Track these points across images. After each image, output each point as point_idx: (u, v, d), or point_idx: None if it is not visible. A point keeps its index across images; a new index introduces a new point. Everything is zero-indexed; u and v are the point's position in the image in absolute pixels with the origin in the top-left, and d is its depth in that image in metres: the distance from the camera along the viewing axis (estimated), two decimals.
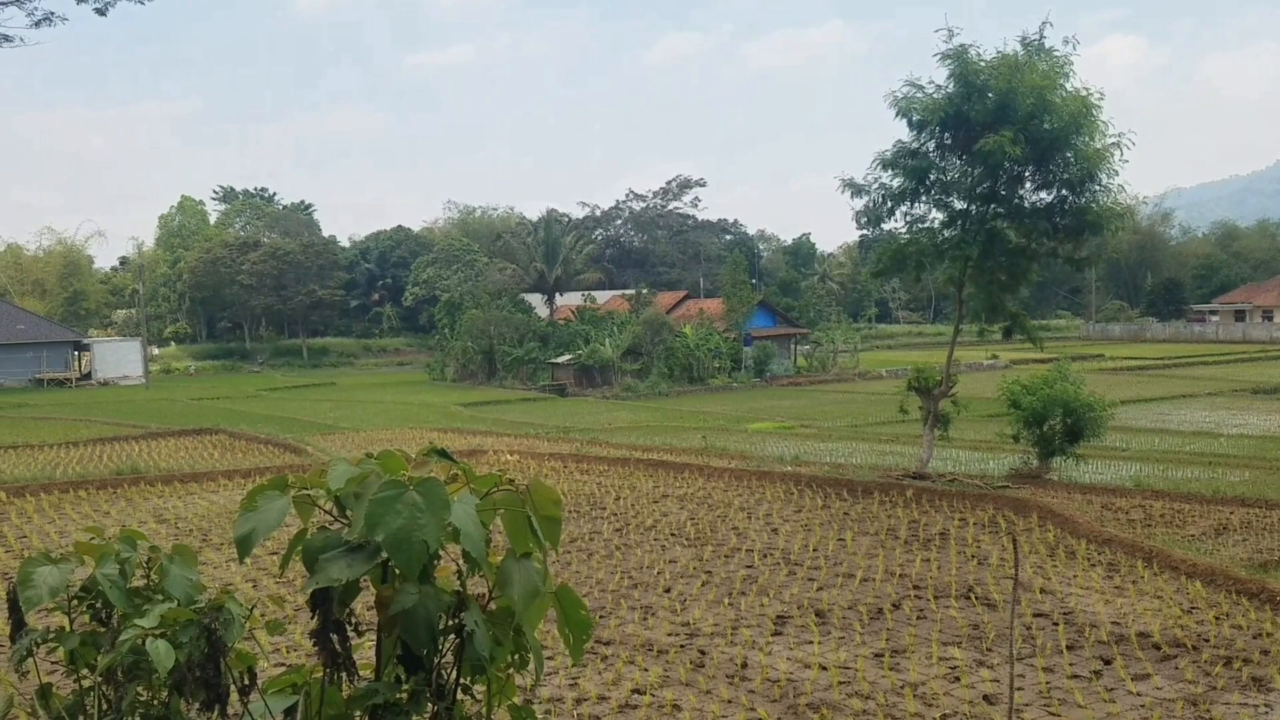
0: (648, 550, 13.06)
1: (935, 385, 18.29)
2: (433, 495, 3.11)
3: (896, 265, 18.21)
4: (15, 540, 14.52)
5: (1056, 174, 17.01)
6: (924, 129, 16.96)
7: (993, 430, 22.47)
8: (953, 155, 17.37)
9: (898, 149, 17.36)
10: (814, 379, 58.13)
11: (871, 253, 19.35)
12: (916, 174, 17.17)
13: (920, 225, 17.96)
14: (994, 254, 17.53)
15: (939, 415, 18.21)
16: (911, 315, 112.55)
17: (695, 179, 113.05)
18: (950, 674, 8.30)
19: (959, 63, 16.52)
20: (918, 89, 16.94)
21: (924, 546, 13.03)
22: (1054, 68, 16.61)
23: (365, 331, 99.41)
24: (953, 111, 16.54)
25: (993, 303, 18.11)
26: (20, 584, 3.53)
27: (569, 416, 38.51)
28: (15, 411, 46.00)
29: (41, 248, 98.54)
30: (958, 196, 17.55)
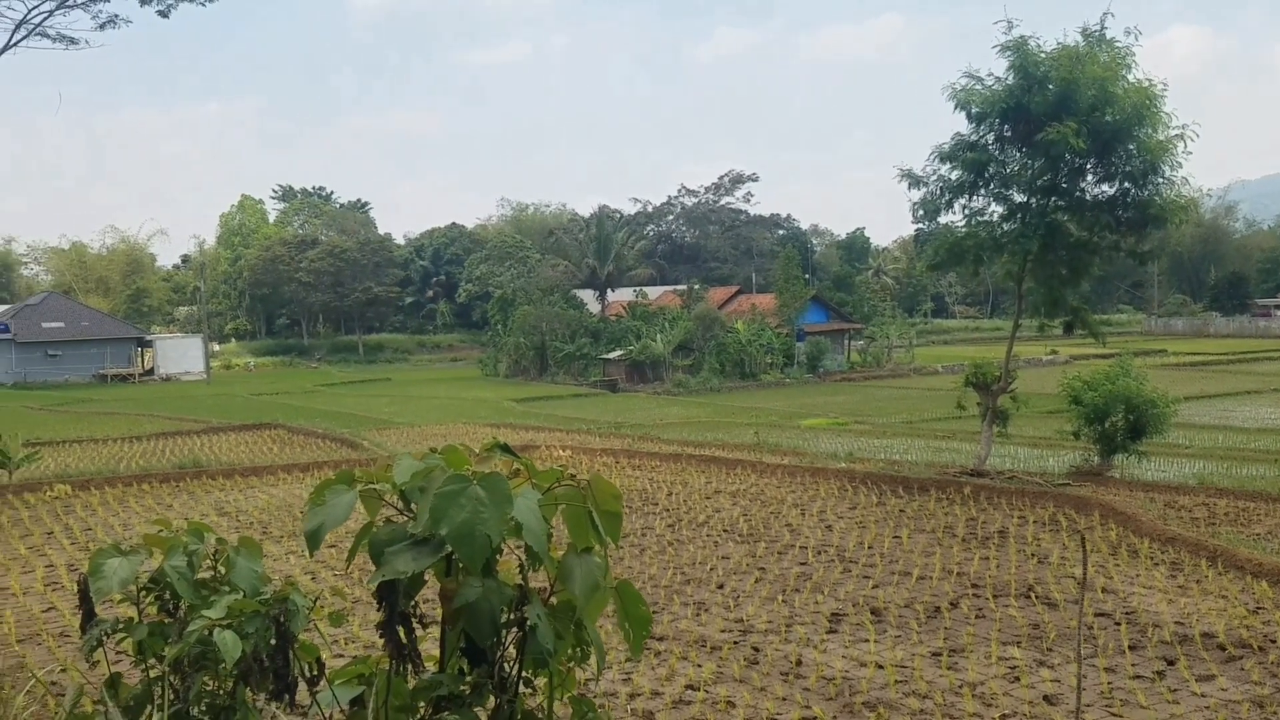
0: (700, 546, 13.02)
1: (994, 381, 18.04)
2: (496, 490, 3.13)
3: (954, 259, 18.01)
4: (81, 533, 14.83)
5: (1119, 166, 16.70)
6: (983, 121, 16.74)
7: (1052, 427, 22.09)
8: (1012, 147, 17.13)
9: (956, 141, 17.15)
10: (868, 374, 57.62)
11: (928, 246, 19.09)
12: (975, 166, 16.96)
13: (979, 218, 17.74)
14: (1055, 248, 17.26)
15: (998, 411, 17.96)
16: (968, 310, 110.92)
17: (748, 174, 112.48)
18: (1010, 674, 8.16)
19: (1019, 54, 16.28)
20: (977, 81, 16.74)
21: (982, 544, 12.84)
22: (1115, 59, 16.30)
23: (419, 328, 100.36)
24: (1012, 103, 16.30)
25: (1053, 297, 17.83)
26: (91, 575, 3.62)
27: (620, 412, 38.58)
28: (81, 406, 47.12)
29: (105, 246, 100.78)
30: (1017, 189, 17.29)
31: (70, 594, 11.14)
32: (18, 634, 9.69)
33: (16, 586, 11.56)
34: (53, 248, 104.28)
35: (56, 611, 10.54)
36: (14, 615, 10.31)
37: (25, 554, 13.42)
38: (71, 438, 29.14)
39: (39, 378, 70.09)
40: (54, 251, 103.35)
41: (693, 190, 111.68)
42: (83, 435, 29.96)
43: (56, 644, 9.37)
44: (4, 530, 15.06)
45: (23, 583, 11.77)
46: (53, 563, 12.85)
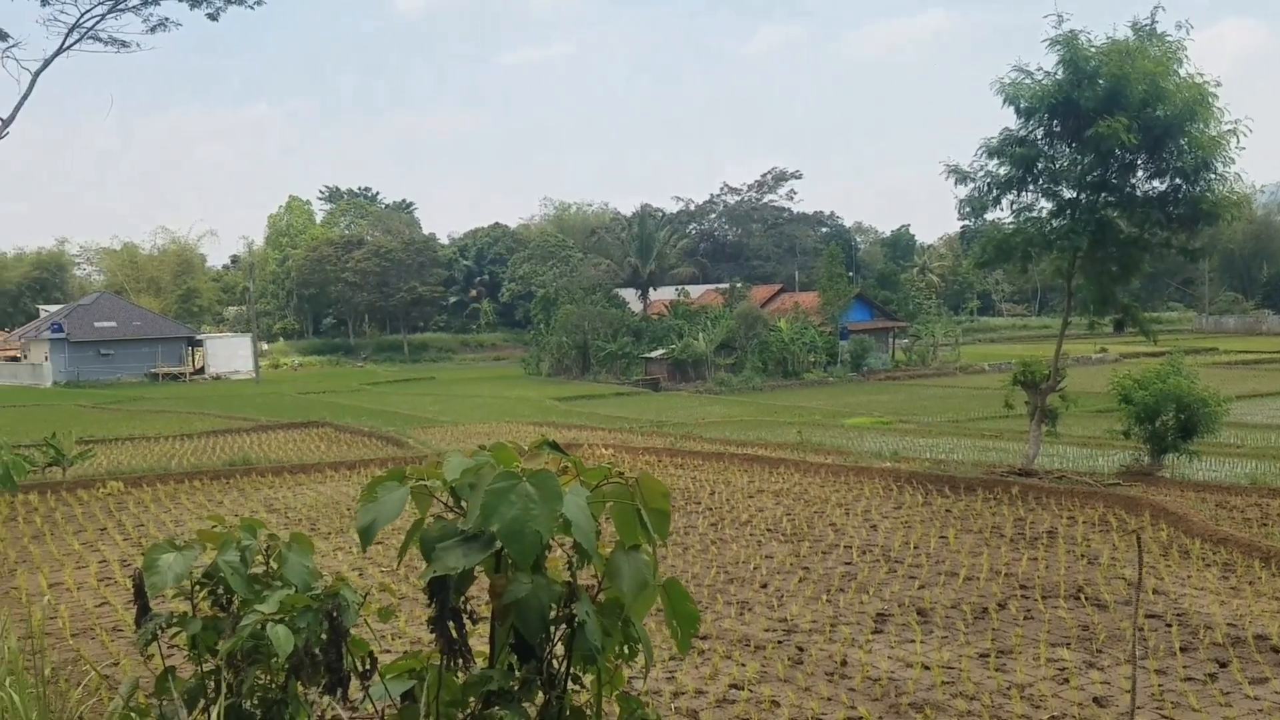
0: (743, 545, 12.96)
1: (1043, 379, 17.81)
2: (545, 487, 3.17)
3: (1002, 256, 17.80)
4: (133, 529, 15.06)
5: (1170, 162, 16.43)
6: (1032, 116, 16.55)
7: (1102, 426, 21.82)
8: (1061, 143, 16.90)
9: (1004, 136, 16.97)
10: (913, 373, 57.14)
11: (975, 243, 18.88)
12: (1024, 162, 16.76)
13: (1028, 215, 17.55)
14: (1105, 244, 17.01)
15: (1047, 410, 17.73)
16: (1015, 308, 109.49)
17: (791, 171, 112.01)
18: (1059, 675, 8.05)
19: (1068, 49, 16.08)
20: (1026, 75, 16.56)
21: (1031, 545, 12.67)
22: (1166, 53, 16.06)
23: (463, 327, 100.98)
24: (1062, 98, 16.09)
25: (1103, 294, 17.59)
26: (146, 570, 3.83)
27: (662, 411, 38.57)
28: (133, 405, 47.96)
29: (156, 246, 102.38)
30: (1067, 185, 17.06)
31: (123, 589, 11.32)
32: (72, 628, 9.82)
33: (71, 581, 11.73)
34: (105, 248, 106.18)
35: (110, 606, 10.68)
36: (68, 610, 10.46)
37: (79, 549, 13.63)
38: (124, 435, 29.67)
39: (92, 376, 71.36)
40: (106, 252, 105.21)
41: (735, 188, 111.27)
42: (135, 433, 30.50)
43: (110, 638, 9.47)
44: (58, 526, 15.31)
45: (77, 578, 11.95)
46: (106, 558, 13.05)
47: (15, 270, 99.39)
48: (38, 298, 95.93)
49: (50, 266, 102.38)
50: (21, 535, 14.66)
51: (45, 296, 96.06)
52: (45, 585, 11.54)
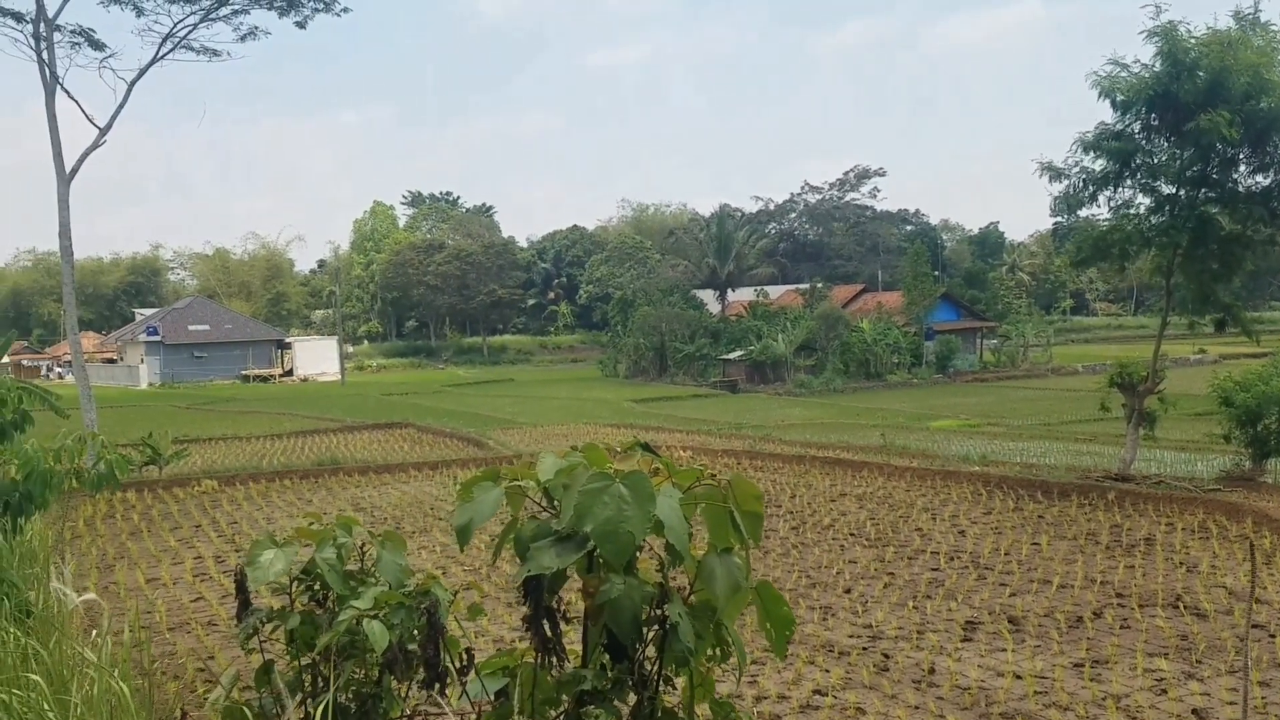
0: (826, 550, 12.79)
1: (1140, 381, 17.26)
2: (639, 488, 3.18)
3: (1098, 254, 17.29)
4: (227, 526, 15.43)
5: (1274, 156, 15.86)
6: (1129, 110, 16.02)
7: (1201, 430, 21.17)
8: (1160, 137, 16.35)
9: (1100, 130, 16.47)
10: (1001, 374, 55.98)
11: (1069, 241, 18.40)
12: (1121, 157, 16.25)
13: (1124, 211, 17.06)
14: (1205, 241, 16.40)
15: (1144, 413, 17.19)
16: (1110, 307, 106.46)
17: (874, 168, 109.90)
18: (1156, 686, 7.77)
19: (1167, 40, 15.54)
20: (1122, 68, 16.07)
21: (1127, 552, 12.28)
22: (1271, 43, 15.44)
23: (541, 329, 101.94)
24: (1160, 91, 15.56)
25: (1203, 293, 16.99)
26: (248, 565, 3.93)
27: (741, 413, 38.39)
28: (225, 406, 49.30)
29: (247, 251, 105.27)
30: (1165, 180, 16.48)
31: (217, 585, 11.57)
32: (168, 622, 10.04)
33: (167, 577, 12.03)
34: (197, 253, 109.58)
35: (204, 601, 10.89)
36: (165, 605, 10.71)
37: (175, 546, 14.00)
38: (216, 435, 30.56)
39: (185, 378, 73.52)
40: (199, 257, 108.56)
41: (816, 186, 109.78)
42: (227, 433, 31.39)
43: (205, 633, 9.64)
44: (155, 523, 15.73)
45: (173, 573, 12.25)
46: (200, 555, 13.36)
47: (112, 275, 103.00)
48: (133, 302, 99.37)
49: (145, 271, 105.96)
50: (120, 532, 15.09)
51: (141, 300, 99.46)
52: (143, 581, 11.85)
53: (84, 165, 22.13)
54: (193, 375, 74.35)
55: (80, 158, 22.15)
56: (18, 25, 21.85)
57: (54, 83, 21.67)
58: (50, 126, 21.65)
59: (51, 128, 21.66)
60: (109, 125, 22.45)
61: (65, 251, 22.10)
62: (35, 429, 10.39)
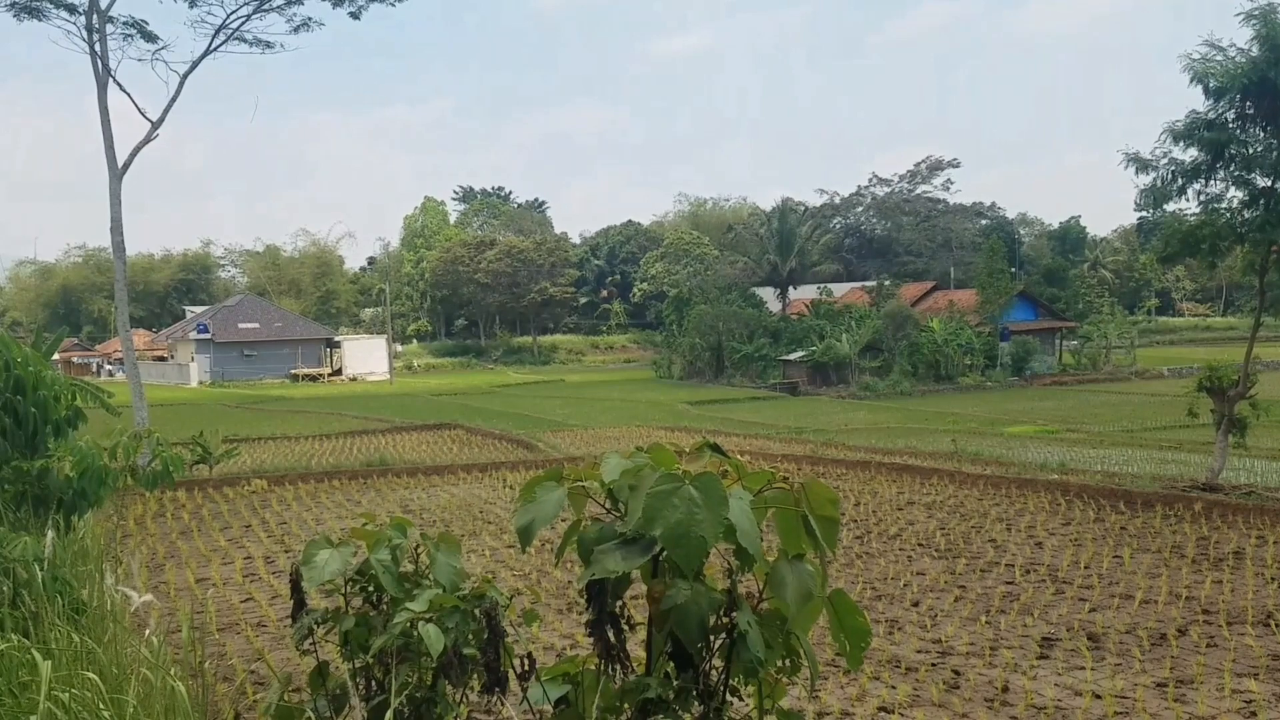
0: (892, 560, 12.35)
1: (1231, 385, 16.51)
2: (710, 491, 3.04)
3: (1187, 249, 16.54)
4: (276, 526, 15.37)
5: None
6: (1222, 97, 15.25)
7: None
8: (1256, 126, 15.54)
9: (1191, 119, 15.69)
10: (1081, 378, 54.71)
11: (1156, 236, 17.66)
12: (1213, 147, 15.47)
13: (1215, 205, 16.27)
14: None
15: (1234, 419, 16.43)
16: (1197, 307, 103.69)
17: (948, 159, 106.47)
18: (1245, 708, 7.32)
19: (1265, 23, 14.74)
20: (1217, 51, 15.28)
21: (1215, 566, 11.68)
22: None
23: (593, 328, 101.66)
24: (1257, 78, 14.75)
25: None
26: (303, 564, 3.84)
27: (801, 416, 37.89)
28: (274, 405, 49.71)
29: (297, 249, 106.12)
30: (1261, 173, 15.67)
31: (267, 585, 11.43)
32: (218, 623, 9.93)
33: (217, 577, 11.93)
34: (248, 251, 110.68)
35: (254, 602, 10.77)
36: (215, 605, 10.61)
37: (225, 546, 13.93)
38: (266, 435, 30.80)
39: (235, 376, 74.26)
40: (249, 254, 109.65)
41: (885, 179, 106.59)
42: (276, 433, 31.63)
43: (254, 633, 9.53)
44: (205, 523, 15.72)
45: (222, 574, 12.15)
46: (250, 555, 13.26)
47: (162, 272, 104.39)
48: (184, 299, 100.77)
49: (196, 268, 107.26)
50: (170, 531, 15.08)
51: (191, 298, 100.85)
52: (192, 580, 11.76)
53: (136, 160, 22.09)
54: (243, 374, 75.14)
55: (132, 152, 22.20)
56: (70, 17, 21.95)
57: (106, 76, 21.70)
58: (102, 120, 21.68)
59: (104, 121, 21.68)
60: (161, 119, 22.45)
61: (117, 247, 22.10)
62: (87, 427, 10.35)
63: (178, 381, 73.56)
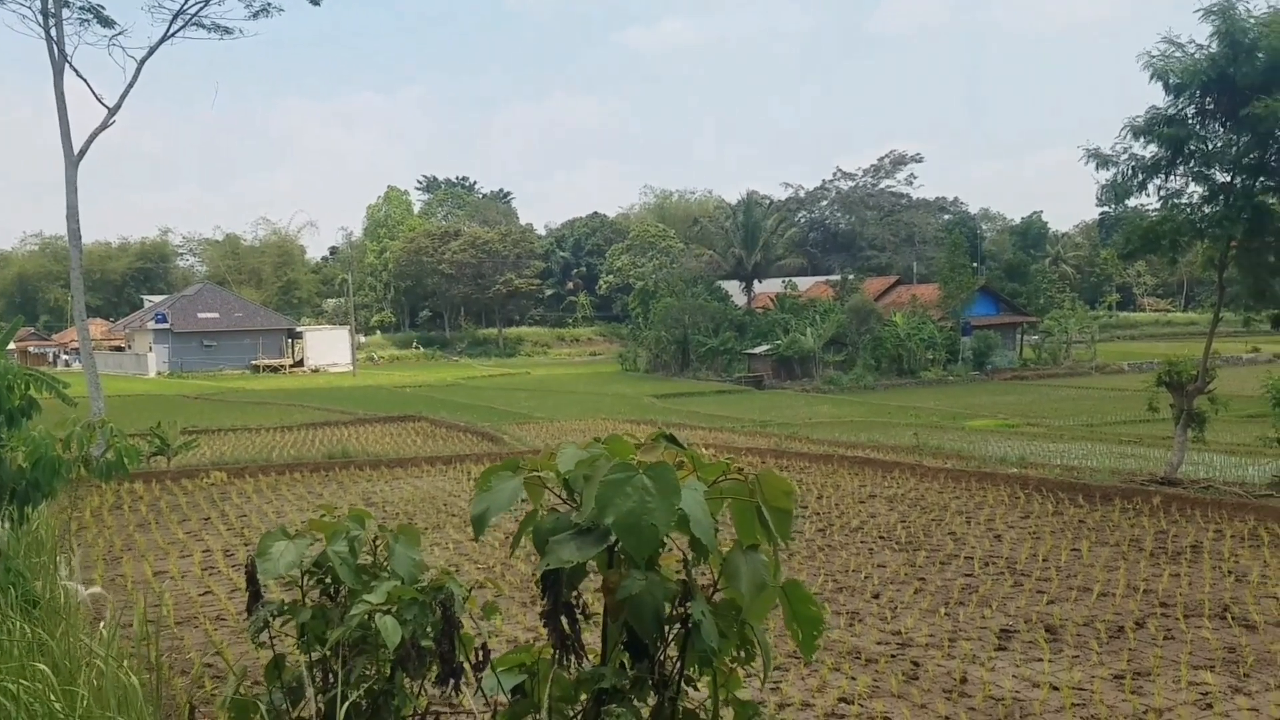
0: (854, 553, 12.39)
1: (1190, 380, 16.69)
2: (663, 480, 3.02)
3: (1147, 245, 16.69)
4: (236, 519, 15.19)
5: None
6: (1182, 93, 15.42)
7: (1253, 432, 20.73)
8: (1215, 122, 15.76)
9: (1151, 115, 15.85)
10: (1042, 372, 55.25)
11: (1117, 232, 17.84)
12: (1173, 143, 15.64)
13: (1175, 201, 16.44)
14: (1262, 233, 15.80)
15: (1193, 414, 16.61)
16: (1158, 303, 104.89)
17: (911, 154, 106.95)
18: (1201, 700, 7.41)
19: (1224, 20, 14.92)
20: (1177, 48, 15.44)
21: (1173, 560, 11.80)
22: None
23: (559, 320, 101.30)
24: (1216, 74, 14.94)
25: (1259, 288, 16.46)
26: (259, 556, 3.78)
27: (766, 410, 38.03)
28: (234, 396, 49.12)
29: (257, 238, 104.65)
30: (1220, 168, 15.88)
31: (226, 578, 11.32)
32: (176, 616, 9.83)
33: (175, 570, 11.78)
34: (207, 239, 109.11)
35: (212, 595, 10.68)
36: (173, 598, 10.49)
37: (183, 539, 13.74)
38: (226, 426, 30.37)
39: (194, 367, 73.29)
40: (208, 243, 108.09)
41: (849, 173, 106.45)
42: (236, 424, 31.20)
43: (213, 627, 9.46)
44: (163, 515, 15.51)
45: (180, 566, 12.00)
46: (209, 548, 13.10)
47: (120, 260, 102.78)
48: (142, 288, 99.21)
49: (154, 257, 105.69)
50: (127, 523, 14.87)
51: (149, 287, 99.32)
52: (150, 573, 11.63)
53: (92, 147, 21.73)
54: (202, 364, 74.20)
55: (89, 138, 21.83)
56: (26, 1, 21.45)
57: (62, 61, 21.33)
58: (59, 106, 21.31)
59: (59, 107, 21.30)
60: (118, 105, 22.09)
61: (73, 235, 21.74)
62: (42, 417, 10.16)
63: (135, 372, 72.50)
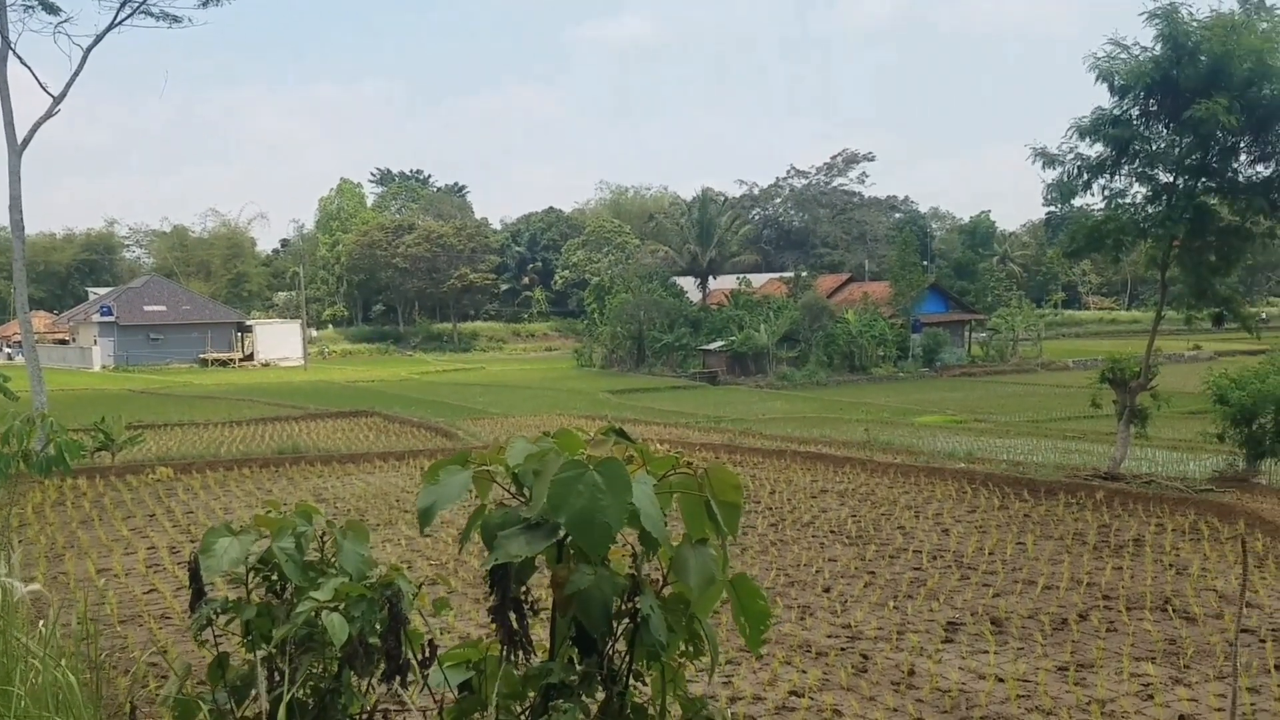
0: (805, 547, 12.48)
1: (1133, 377, 16.98)
2: (614, 476, 3.02)
3: (1092, 244, 16.94)
4: (182, 515, 14.93)
5: (1276, 145, 15.53)
6: (1127, 94, 15.67)
7: (1195, 428, 21.04)
8: (1158, 123, 16.03)
9: (1097, 115, 16.08)
10: (990, 369, 55.93)
11: (1062, 231, 18.11)
12: (1118, 143, 15.89)
13: (1120, 200, 16.71)
14: (1203, 233, 16.11)
15: (1136, 410, 16.90)
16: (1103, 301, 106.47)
17: (863, 153, 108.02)
18: (1143, 691, 7.54)
19: (1168, 22, 15.17)
20: (1122, 49, 15.69)
21: (1115, 553, 12.00)
22: (1276, 27, 15.09)
23: (515, 315, 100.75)
24: (1160, 76, 15.21)
25: (1200, 286, 16.72)
26: (202, 553, 3.72)
27: (721, 406, 38.15)
28: (182, 390, 48.37)
29: (206, 229, 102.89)
30: (1163, 169, 16.16)
31: (171, 576, 11.15)
32: (120, 615, 9.69)
33: (119, 568, 11.61)
34: (154, 231, 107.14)
35: (158, 593, 10.53)
36: (116, 596, 10.33)
37: (128, 535, 13.51)
38: (173, 421, 29.87)
39: (141, 361, 72.05)
40: (156, 234, 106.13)
41: (803, 171, 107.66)
42: (184, 419, 30.67)
43: (158, 625, 9.32)
44: (107, 512, 15.23)
45: (125, 564, 11.82)
46: (154, 545, 12.90)
47: (65, 252, 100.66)
48: (87, 280, 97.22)
49: (99, 248, 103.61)
50: (70, 520, 14.59)
51: (94, 279, 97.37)
52: (93, 571, 11.42)
53: (36, 136, 21.29)
54: (149, 358, 72.93)
55: (33, 127, 21.41)
56: None
57: (5, 48, 20.85)
58: (1, 95, 20.77)
59: (2, 96, 20.83)
60: (64, 93, 21.65)
61: (16, 226, 21.30)
62: None
63: (80, 366, 71.14)
